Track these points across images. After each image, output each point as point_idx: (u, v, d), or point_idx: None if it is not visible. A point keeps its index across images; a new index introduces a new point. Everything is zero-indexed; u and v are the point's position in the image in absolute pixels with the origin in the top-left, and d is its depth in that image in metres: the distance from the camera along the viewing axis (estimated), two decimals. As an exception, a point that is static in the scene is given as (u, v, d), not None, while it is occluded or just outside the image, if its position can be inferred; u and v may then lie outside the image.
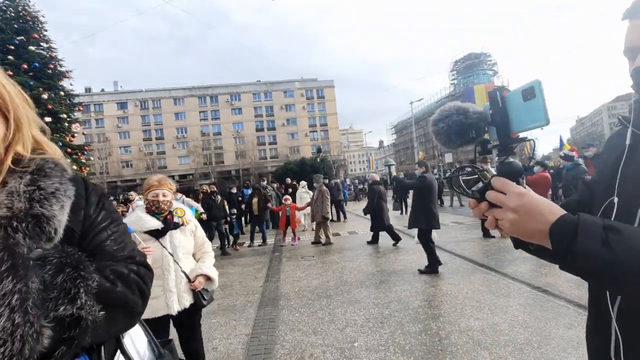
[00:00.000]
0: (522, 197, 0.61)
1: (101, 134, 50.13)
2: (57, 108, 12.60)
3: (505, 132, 0.70)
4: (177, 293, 2.17)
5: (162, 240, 2.20)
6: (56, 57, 13.35)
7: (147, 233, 2.17)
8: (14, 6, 12.73)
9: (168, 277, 2.16)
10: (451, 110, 0.77)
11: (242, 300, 4.67)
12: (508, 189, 0.63)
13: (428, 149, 57.61)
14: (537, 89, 0.62)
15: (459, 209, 13.88)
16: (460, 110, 0.75)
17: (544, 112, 0.62)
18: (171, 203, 2.29)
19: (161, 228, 2.20)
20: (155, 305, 2.11)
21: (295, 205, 9.23)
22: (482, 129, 0.75)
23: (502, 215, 0.64)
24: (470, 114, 0.75)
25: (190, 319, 2.30)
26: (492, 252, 6.29)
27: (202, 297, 2.27)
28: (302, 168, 25.88)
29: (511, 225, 0.63)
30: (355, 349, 3.09)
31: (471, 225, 9.61)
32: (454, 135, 0.76)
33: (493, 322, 3.39)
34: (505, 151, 0.71)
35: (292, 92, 55.99)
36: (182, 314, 2.19)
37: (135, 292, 0.74)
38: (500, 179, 0.65)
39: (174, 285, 2.17)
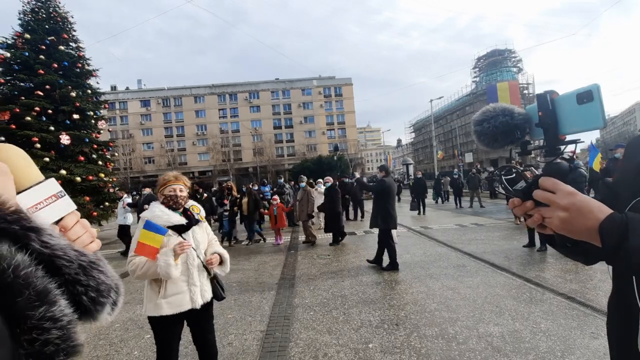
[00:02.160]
0: (573, 196, 0.64)
1: (125, 130, 51.76)
2: (84, 106, 13.08)
3: (553, 134, 0.73)
4: (200, 287, 2.22)
5: (185, 235, 2.22)
6: (84, 56, 13.86)
7: (170, 228, 2.17)
8: (45, 7, 13.27)
9: (193, 271, 2.20)
10: (496, 111, 0.80)
11: (258, 297, 4.71)
12: (558, 188, 0.66)
13: (447, 148, 56.51)
14: (596, 93, 0.65)
15: (479, 210, 13.53)
16: (506, 111, 0.79)
17: (602, 115, 0.65)
18: (187, 199, 2.31)
19: (186, 223, 2.23)
20: (179, 300, 2.14)
21: (282, 205, 9.51)
22: (526, 130, 0.78)
23: (551, 213, 0.66)
24: (516, 115, 0.78)
25: (206, 314, 2.34)
26: (514, 256, 6.10)
27: (222, 290, 2.34)
28: (319, 166, 25.91)
29: (561, 223, 0.65)
30: (369, 350, 3.06)
31: (491, 227, 9.36)
32: (500, 135, 0.79)
33: (514, 329, 3.28)
34: (553, 152, 0.73)
35: (310, 90, 56.02)
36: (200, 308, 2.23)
37: None
38: (549, 178, 0.67)
39: (197, 279, 2.21)
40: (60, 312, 0.41)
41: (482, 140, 0.83)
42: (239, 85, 55.90)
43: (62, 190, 0.56)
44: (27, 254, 0.41)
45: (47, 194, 0.54)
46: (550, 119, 0.72)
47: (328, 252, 7.37)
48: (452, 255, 6.47)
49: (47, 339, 0.39)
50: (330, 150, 42.82)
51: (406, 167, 26.67)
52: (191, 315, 2.22)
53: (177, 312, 2.13)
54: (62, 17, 13.48)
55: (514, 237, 7.65)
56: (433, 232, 9.09)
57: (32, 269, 0.40)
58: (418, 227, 10.11)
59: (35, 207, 0.52)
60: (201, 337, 2.35)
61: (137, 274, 2.05)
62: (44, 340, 0.39)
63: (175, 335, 2.21)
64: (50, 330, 0.39)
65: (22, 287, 0.39)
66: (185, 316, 2.20)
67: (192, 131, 53.96)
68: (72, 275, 0.46)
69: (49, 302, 0.40)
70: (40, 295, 0.40)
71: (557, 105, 0.71)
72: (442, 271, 5.37)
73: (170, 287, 2.12)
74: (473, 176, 15.29)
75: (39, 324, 0.39)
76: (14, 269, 0.38)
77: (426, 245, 7.57)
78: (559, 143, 0.73)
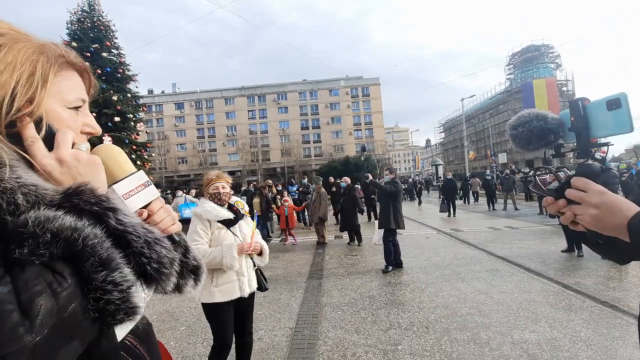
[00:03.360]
0: (603, 195, 0.68)
1: (161, 132, 54.20)
2: (124, 109, 13.88)
3: (585, 137, 0.78)
4: (247, 277, 2.39)
5: (233, 229, 2.41)
6: (124, 62, 14.71)
7: (220, 222, 2.39)
8: (90, 17, 14.21)
9: (241, 262, 2.36)
10: (530, 116, 0.87)
11: (287, 295, 4.81)
12: (589, 187, 0.69)
13: (479, 148, 54.54)
14: (623, 101, 0.71)
15: (513, 213, 12.97)
16: (540, 116, 0.86)
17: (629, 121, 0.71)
18: (230, 195, 2.47)
19: (234, 217, 2.41)
20: (230, 289, 2.33)
21: (293, 206, 9.66)
22: (559, 133, 0.84)
23: (582, 211, 0.70)
24: (550, 120, 0.85)
25: (249, 304, 2.51)
26: (551, 261, 5.82)
27: (265, 280, 2.50)
28: (346, 167, 25.88)
29: (592, 220, 0.69)
30: (399, 352, 3.04)
31: (527, 231, 8.95)
32: (534, 139, 0.86)
33: (551, 337, 3.15)
34: (585, 154, 0.79)
35: (337, 90, 56.03)
36: (243, 298, 2.39)
37: None
38: (580, 178, 0.71)
39: (245, 269, 2.39)
40: (120, 278, 0.49)
41: (518, 143, 0.90)
42: (268, 87, 56.94)
43: (149, 181, 0.67)
44: (103, 229, 0.51)
45: (137, 183, 0.65)
46: (582, 124, 0.78)
47: (355, 253, 7.36)
48: (484, 258, 6.27)
49: (108, 299, 0.48)
50: (357, 150, 42.63)
51: (435, 167, 26.06)
52: (238, 303, 2.39)
53: (228, 300, 2.31)
54: (105, 25, 14.40)
55: (552, 242, 7.28)
56: (464, 235, 8.84)
57: (99, 240, 0.49)
58: (448, 230, 9.86)
59: (129, 194, 0.63)
60: (242, 323, 2.51)
61: (206, 261, 2.27)
62: (106, 300, 0.47)
63: (228, 319, 2.39)
64: (112, 292, 0.48)
65: (89, 255, 0.47)
66: (234, 303, 2.37)
67: (222, 132, 55.60)
68: (139, 248, 0.54)
69: (110, 268, 0.48)
70: (103, 263, 0.48)
71: (588, 111, 0.77)
72: (473, 275, 5.22)
73: (222, 277, 2.31)
74: (507, 177, 14.68)
75: (102, 285, 0.47)
76: (83, 239, 0.47)
77: (457, 247, 7.37)
78: (590, 146, 0.78)
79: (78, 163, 0.57)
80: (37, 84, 0.55)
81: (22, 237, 0.45)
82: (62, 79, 0.61)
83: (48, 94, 0.57)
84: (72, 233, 0.47)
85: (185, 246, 0.75)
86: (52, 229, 0.46)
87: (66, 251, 0.46)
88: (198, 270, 0.79)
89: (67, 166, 0.56)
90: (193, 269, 0.76)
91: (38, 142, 0.55)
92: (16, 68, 0.53)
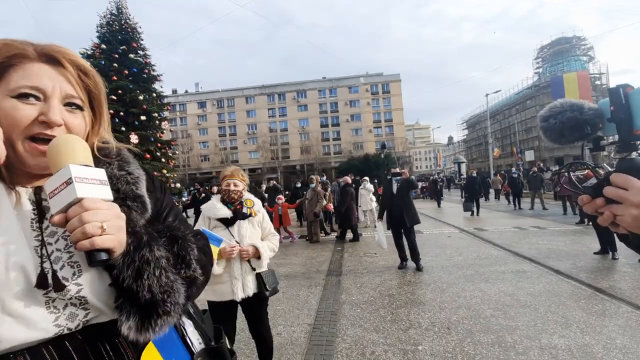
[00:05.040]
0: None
1: (184, 130, 55.65)
2: (150, 108, 14.31)
3: (627, 129, 0.70)
4: (241, 281, 2.28)
5: (230, 228, 2.33)
6: (150, 62, 15.15)
7: (218, 220, 2.34)
8: (118, 20, 14.71)
9: (234, 264, 2.28)
10: (564, 106, 0.78)
11: (305, 291, 4.81)
12: (631, 184, 0.62)
13: (505, 145, 52.75)
14: None
15: (541, 213, 12.45)
16: (575, 106, 0.77)
17: None
18: (242, 193, 2.41)
19: (230, 217, 2.33)
20: (222, 290, 2.26)
21: (287, 204, 9.71)
22: (597, 125, 0.75)
23: (623, 211, 0.63)
24: (586, 110, 0.76)
25: (257, 306, 2.41)
26: (582, 263, 5.53)
27: (265, 287, 2.35)
28: (365, 164, 25.67)
29: (634, 221, 0.62)
30: (419, 352, 2.97)
31: (556, 231, 8.56)
32: (568, 131, 0.77)
33: (583, 343, 2.99)
34: (627, 148, 0.71)
35: (357, 87, 55.58)
36: (248, 300, 2.32)
37: (211, 262, 0.83)
38: (621, 175, 0.64)
39: (239, 273, 2.28)
40: None
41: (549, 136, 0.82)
42: (287, 85, 57.21)
43: (72, 177, 0.55)
44: None
45: (60, 180, 0.56)
46: (623, 114, 0.70)
47: (375, 251, 7.28)
48: (509, 259, 6.04)
49: None
50: (377, 148, 42.15)
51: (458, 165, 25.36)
52: (243, 305, 2.34)
53: (221, 300, 2.26)
54: (132, 27, 14.87)
55: (583, 243, 6.93)
56: (488, 234, 8.56)
57: None
58: (471, 229, 9.59)
59: (53, 192, 0.56)
60: (251, 326, 2.46)
61: None
62: None
63: (224, 319, 2.32)
64: None
65: None
66: (237, 304, 2.33)
67: (243, 130, 56.42)
68: None
69: None
70: None
71: (631, 100, 0.69)
72: (498, 275, 5.04)
73: (214, 277, 2.25)
74: (535, 175, 14.10)
75: None
76: None
77: (480, 247, 7.15)
78: (633, 138, 0.70)
79: None
80: None
81: None
82: (16, 72, 0.61)
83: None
84: None
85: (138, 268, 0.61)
86: None
87: None
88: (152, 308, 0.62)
89: None
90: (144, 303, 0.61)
91: None
92: None
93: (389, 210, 5.97)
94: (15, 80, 0.60)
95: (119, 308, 0.61)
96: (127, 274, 0.60)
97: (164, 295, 0.63)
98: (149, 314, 0.61)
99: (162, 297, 0.62)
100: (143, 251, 0.63)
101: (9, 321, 0.52)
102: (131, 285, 0.60)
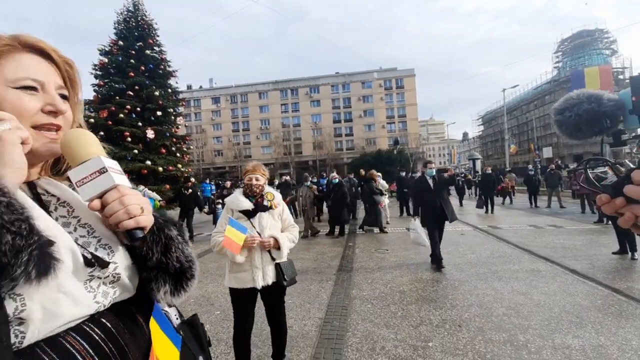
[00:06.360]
0: None
1: (198, 126, 56.39)
2: (165, 103, 14.55)
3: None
4: (262, 270, 2.41)
5: (252, 220, 2.47)
6: (165, 59, 15.35)
7: (241, 212, 2.47)
8: (135, 17, 14.94)
9: (255, 254, 2.41)
10: (580, 98, 0.72)
11: (316, 286, 4.86)
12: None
13: (522, 141, 51.47)
14: None
15: (558, 211, 12.16)
16: (592, 97, 0.71)
17: None
18: (263, 187, 2.53)
19: (252, 209, 2.47)
20: (243, 278, 2.40)
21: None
22: (617, 118, 0.70)
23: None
24: (605, 101, 0.70)
25: (275, 296, 2.55)
26: (600, 263, 5.40)
27: (283, 277, 2.46)
28: (378, 160, 25.50)
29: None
30: (429, 349, 2.98)
31: (573, 230, 8.37)
32: (585, 125, 0.71)
33: (597, 343, 2.94)
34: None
35: (370, 82, 55.09)
36: (268, 289, 2.43)
37: None
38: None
39: (259, 263, 2.41)
40: None
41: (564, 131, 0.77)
42: (300, 80, 57.16)
43: (105, 167, 0.60)
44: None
45: (92, 169, 0.60)
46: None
47: (387, 247, 7.28)
48: (524, 257, 5.95)
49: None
50: (389, 144, 41.83)
51: (473, 162, 24.88)
52: (262, 293, 2.45)
53: (242, 288, 2.39)
54: (148, 24, 15.08)
55: (601, 243, 6.76)
56: (502, 232, 8.43)
57: None
58: (485, 226, 9.46)
59: (82, 181, 0.60)
60: (269, 314, 2.58)
61: (215, 250, 2.44)
62: None
63: (245, 306, 2.47)
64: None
65: None
66: (257, 292, 2.44)
67: (256, 126, 56.78)
68: None
69: None
70: None
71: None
72: (512, 274, 4.98)
73: (236, 265, 2.41)
74: (552, 173, 13.76)
75: None
76: None
77: (494, 245, 7.06)
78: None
79: None
80: None
81: None
82: (7, 61, 0.63)
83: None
84: None
85: (166, 244, 0.71)
86: None
87: None
88: (182, 275, 0.74)
89: None
90: (175, 272, 0.72)
91: None
92: None
93: (427, 206, 5.71)
94: (13, 72, 0.63)
95: (153, 278, 0.71)
96: (156, 249, 0.70)
97: (189, 263, 0.75)
98: (180, 279, 0.74)
99: (188, 265, 0.75)
100: (166, 230, 0.73)
101: (63, 299, 0.57)
102: (160, 259, 0.71)
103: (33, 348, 0.52)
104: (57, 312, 0.56)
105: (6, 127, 0.56)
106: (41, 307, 0.54)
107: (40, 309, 0.53)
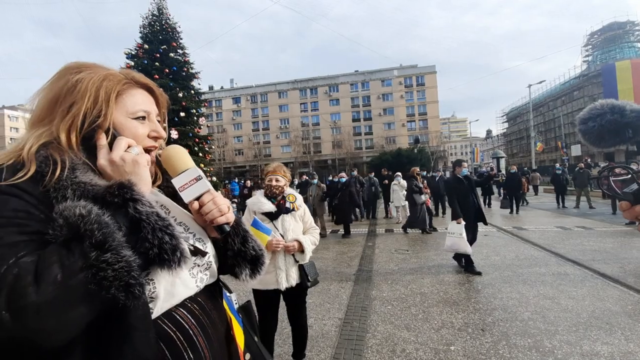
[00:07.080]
0: None
1: (220, 125, 57.52)
2: (189, 105, 14.95)
3: None
4: (285, 271, 2.46)
5: (275, 222, 2.50)
6: (188, 61, 15.77)
7: (263, 214, 2.50)
8: (159, 20, 15.42)
9: (278, 256, 2.45)
10: (604, 108, 0.75)
11: (336, 286, 4.89)
12: None
13: (548, 139, 49.57)
14: None
15: (587, 212, 11.66)
16: (616, 108, 0.73)
17: None
18: (283, 188, 2.55)
19: (274, 211, 2.49)
20: (267, 279, 2.44)
21: None
22: None
23: None
24: (628, 112, 0.72)
25: (297, 296, 2.59)
26: (632, 267, 5.16)
27: (307, 278, 2.51)
28: (397, 159, 25.19)
29: None
30: (451, 352, 2.96)
31: (603, 232, 8.01)
32: (607, 134, 0.74)
33: (627, 350, 2.83)
34: None
35: (390, 80, 54.42)
36: (290, 290, 2.48)
37: None
38: None
39: (283, 264, 2.46)
40: (114, 259, 0.56)
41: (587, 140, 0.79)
42: (319, 79, 57.20)
43: (201, 175, 0.77)
44: (123, 215, 0.62)
45: (190, 177, 0.75)
46: None
47: (407, 247, 7.22)
48: (551, 260, 5.76)
49: (104, 276, 0.55)
50: (410, 142, 41.18)
51: (497, 160, 24.11)
52: (284, 294, 2.50)
53: (265, 289, 2.44)
54: (172, 27, 15.51)
55: (633, 245, 6.44)
56: (528, 234, 8.18)
57: (99, 226, 0.57)
58: (510, 227, 9.20)
59: (184, 187, 0.75)
60: (291, 315, 2.64)
61: None
62: (102, 276, 0.55)
63: (269, 306, 2.52)
64: (106, 270, 0.55)
65: (87, 237, 0.56)
66: (280, 293, 2.49)
67: (276, 125, 57.31)
68: (145, 234, 0.62)
69: (103, 250, 0.56)
70: (97, 245, 0.56)
71: None
72: (538, 277, 4.83)
73: None
74: (581, 172, 13.17)
75: (96, 264, 0.55)
76: (85, 224, 0.56)
77: (519, 247, 6.86)
78: None
79: (124, 163, 0.70)
80: (101, 104, 0.72)
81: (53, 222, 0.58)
82: (127, 96, 0.77)
83: (113, 110, 0.73)
84: (78, 219, 0.56)
85: (244, 236, 0.88)
86: (65, 216, 0.57)
87: (71, 233, 0.56)
88: (257, 261, 0.91)
89: (116, 166, 0.70)
90: (251, 258, 0.89)
91: (103, 148, 0.72)
92: (85, 95, 0.70)
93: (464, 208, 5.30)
94: (132, 105, 0.77)
95: (236, 264, 0.88)
96: (237, 240, 0.87)
97: (262, 252, 0.92)
98: (256, 264, 0.90)
99: (261, 252, 0.91)
100: (242, 225, 0.90)
101: (178, 282, 0.73)
102: (240, 247, 0.87)
103: (155, 320, 0.69)
104: (174, 293, 0.72)
105: (137, 152, 0.73)
106: (164, 289, 0.70)
107: (163, 290, 0.70)
